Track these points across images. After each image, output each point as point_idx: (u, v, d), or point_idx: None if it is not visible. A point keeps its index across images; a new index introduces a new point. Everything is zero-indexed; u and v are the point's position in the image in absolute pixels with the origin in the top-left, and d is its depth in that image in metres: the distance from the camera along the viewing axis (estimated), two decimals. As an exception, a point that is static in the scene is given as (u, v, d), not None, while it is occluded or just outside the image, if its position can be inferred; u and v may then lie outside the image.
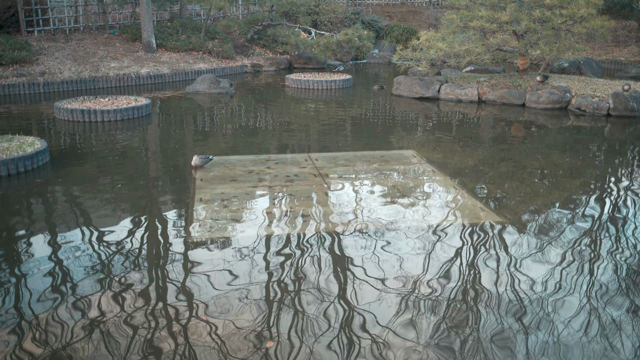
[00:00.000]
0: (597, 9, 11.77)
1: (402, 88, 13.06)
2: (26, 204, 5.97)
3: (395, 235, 5.18)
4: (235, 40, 19.08)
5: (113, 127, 9.55)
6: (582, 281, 4.37)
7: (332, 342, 3.54)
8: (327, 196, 6.22)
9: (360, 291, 4.16)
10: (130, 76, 14.18)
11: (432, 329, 3.69)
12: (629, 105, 10.76)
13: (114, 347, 3.46)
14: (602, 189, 6.78)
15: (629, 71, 17.44)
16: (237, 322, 3.74)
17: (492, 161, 7.84)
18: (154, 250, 4.86)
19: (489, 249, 4.94)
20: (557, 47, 11.85)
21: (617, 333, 3.69)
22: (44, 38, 15.94)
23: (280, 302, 4.00)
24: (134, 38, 16.73)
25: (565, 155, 8.15)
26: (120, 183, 6.71)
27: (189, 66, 15.77)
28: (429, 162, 7.62)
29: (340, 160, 7.66)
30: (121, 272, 4.43)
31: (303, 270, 4.50)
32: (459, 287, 4.25)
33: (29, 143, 7.34)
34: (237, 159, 7.65)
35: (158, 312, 3.86)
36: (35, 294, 4.09)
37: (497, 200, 6.21)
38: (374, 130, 9.71)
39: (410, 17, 24.43)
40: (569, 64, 16.09)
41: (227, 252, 4.79)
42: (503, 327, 3.72)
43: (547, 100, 11.48)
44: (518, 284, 4.30)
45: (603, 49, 20.44)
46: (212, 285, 4.22)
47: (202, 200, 6.00)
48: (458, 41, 12.40)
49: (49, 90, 13.05)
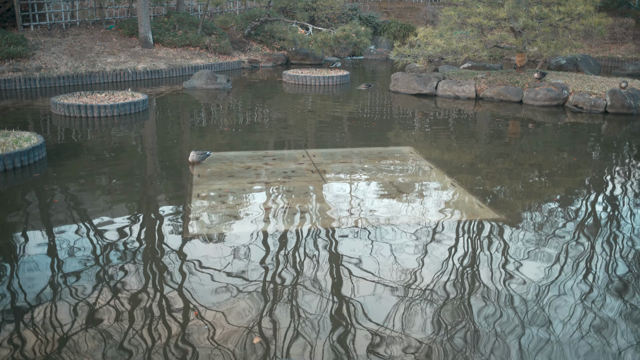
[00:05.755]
0: (594, 6, 11.76)
1: (399, 84, 13.05)
2: (22, 199, 5.95)
3: (392, 231, 5.18)
4: (232, 36, 19.04)
5: (110, 123, 9.52)
6: (579, 277, 4.38)
7: (326, 335, 3.55)
8: (324, 192, 6.22)
9: (356, 285, 4.16)
10: (127, 71, 14.13)
11: (427, 323, 3.70)
12: (626, 102, 10.78)
13: (109, 342, 3.45)
14: (599, 185, 6.80)
15: (626, 68, 17.47)
16: (232, 316, 3.73)
17: (489, 158, 7.84)
18: (150, 246, 4.85)
19: (485, 245, 4.94)
20: (555, 44, 11.86)
21: (615, 329, 3.70)
22: (40, 33, 15.88)
23: (276, 297, 4.00)
24: (130, 33, 16.67)
25: (562, 152, 8.16)
26: (116, 179, 6.69)
27: (186, 62, 15.73)
28: (426, 158, 7.62)
29: (338, 157, 7.65)
30: (116, 267, 4.42)
31: (300, 265, 4.50)
32: (454, 282, 4.26)
33: (25, 138, 7.31)
34: (235, 155, 7.64)
35: (153, 307, 3.85)
36: (31, 287, 4.08)
37: (493, 197, 6.22)
38: (371, 127, 9.70)
39: (408, 14, 24.42)
40: (567, 61, 16.11)
41: (224, 248, 4.78)
42: (499, 323, 3.72)
43: (545, 97, 11.50)
44: (514, 279, 4.31)
45: (600, 46, 20.47)
46: (208, 280, 4.21)
47: (200, 196, 5.99)
48: (456, 38, 12.39)
49: (45, 85, 12.99)
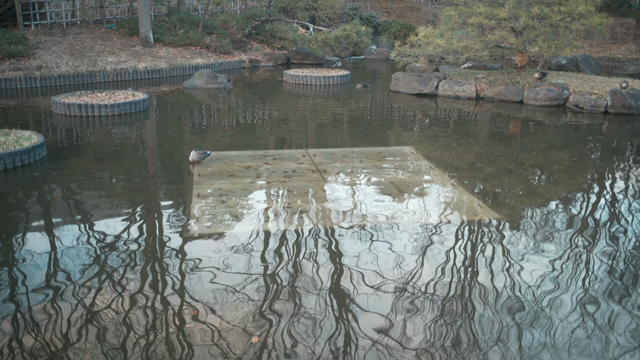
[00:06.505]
0: (595, 6, 11.76)
1: (400, 84, 13.05)
2: (22, 198, 5.95)
3: (392, 230, 5.18)
4: (233, 35, 19.04)
5: (110, 122, 9.53)
6: (579, 276, 4.38)
7: (327, 336, 3.55)
8: (325, 192, 6.22)
9: (356, 285, 4.17)
10: (128, 71, 14.14)
11: (427, 323, 3.70)
12: (626, 102, 10.78)
13: (109, 341, 3.46)
14: (599, 185, 6.80)
15: (626, 68, 17.46)
16: (232, 316, 3.74)
17: (489, 158, 7.84)
18: (151, 245, 4.85)
19: (485, 244, 4.95)
20: (556, 44, 11.86)
21: (614, 328, 3.70)
22: (40, 32, 15.88)
23: (276, 297, 4.00)
24: (131, 32, 16.67)
25: (563, 152, 8.16)
26: (116, 178, 6.69)
27: (187, 61, 15.73)
28: (426, 158, 7.62)
29: (338, 156, 7.66)
30: (116, 267, 4.42)
31: (300, 265, 4.50)
32: (454, 282, 4.26)
33: (25, 137, 7.31)
34: (235, 155, 7.64)
35: (153, 306, 3.85)
36: (30, 286, 4.08)
37: (494, 197, 6.22)
38: (372, 126, 9.70)
39: (409, 14, 24.42)
40: (567, 61, 16.10)
41: (224, 247, 4.78)
42: (499, 323, 3.73)
43: (545, 97, 11.49)
44: (514, 280, 4.31)
45: (601, 46, 20.47)
46: (208, 280, 4.21)
47: (200, 196, 5.99)
48: (456, 38, 12.39)
49: (45, 84, 13.00)
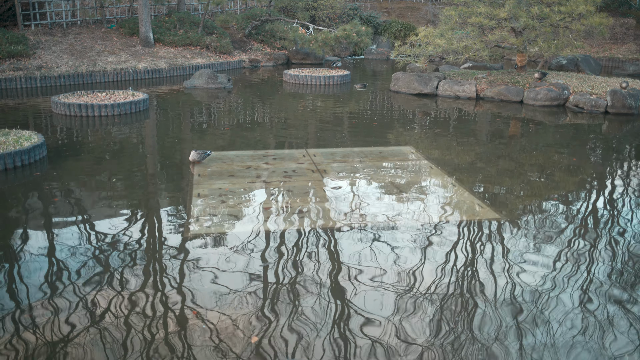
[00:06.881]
0: (595, 6, 11.76)
1: (400, 84, 13.05)
2: (22, 198, 5.95)
3: (392, 230, 5.18)
4: (233, 35, 19.04)
5: (110, 122, 9.53)
6: (579, 277, 4.38)
7: (326, 335, 3.55)
8: (325, 192, 6.22)
9: (356, 285, 4.17)
10: (128, 71, 14.14)
11: (427, 323, 3.70)
12: (626, 102, 10.78)
13: (108, 341, 3.46)
14: (599, 185, 6.80)
15: (626, 68, 17.46)
16: (232, 316, 3.74)
17: (489, 158, 7.84)
18: (150, 245, 4.85)
19: (485, 245, 4.94)
20: (556, 44, 11.86)
21: (612, 328, 3.70)
22: (41, 32, 15.88)
23: (276, 297, 4.00)
24: (131, 32, 16.68)
25: (563, 152, 8.16)
26: (116, 178, 6.69)
27: (187, 61, 15.73)
28: (426, 158, 7.62)
29: (338, 156, 7.66)
30: (116, 266, 4.42)
31: (300, 265, 4.50)
32: (454, 282, 4.26)
33: (25, 137, 7.31)
34: (235, 154, 7.64)
35: (153, 306, 3.85)
36: (30, 285, 4.08)
37: (494, 197, 6.22)
38: (372, 126, 9.70)
39: (409, 14, 24.41)
40: (567, 61, 16.10)
41: (224, 247, 4.78)
42: (499, 323, 3.73)
43: (545, 97, 11.49)
44: (514, 280, 4.31)
45: (601, 46, 20.47)
46: (208, 280, 4.21)
47: (200, 196, 5.99)
48: (456, 38, 12.39)
49: (46, 84, 13.00)
